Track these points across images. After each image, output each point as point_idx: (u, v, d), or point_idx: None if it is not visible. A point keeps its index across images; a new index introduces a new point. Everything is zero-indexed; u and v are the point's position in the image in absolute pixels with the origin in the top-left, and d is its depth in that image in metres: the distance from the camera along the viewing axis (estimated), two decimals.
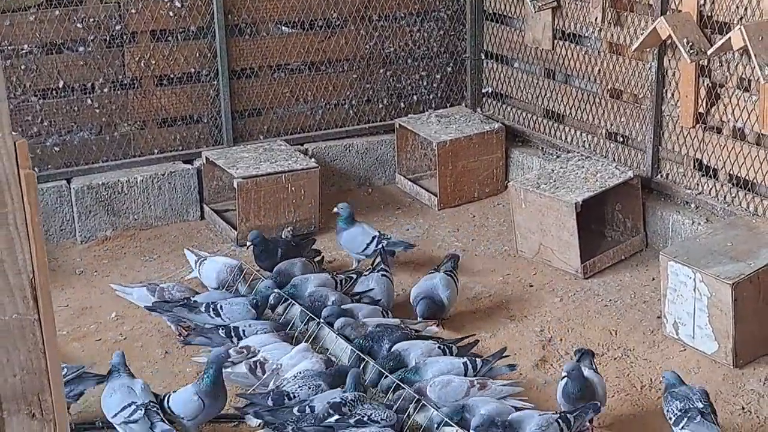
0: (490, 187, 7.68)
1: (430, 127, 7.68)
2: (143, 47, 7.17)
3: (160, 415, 4.79)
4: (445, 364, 5.21)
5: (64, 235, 7.11)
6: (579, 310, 6.18)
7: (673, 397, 4.90)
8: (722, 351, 5.58)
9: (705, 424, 4.77)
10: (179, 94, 7.36)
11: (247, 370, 5.17)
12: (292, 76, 7.65)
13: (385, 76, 7.95)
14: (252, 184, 6.93)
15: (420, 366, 5.18)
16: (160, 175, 7.27)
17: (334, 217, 6.72)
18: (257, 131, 7.64)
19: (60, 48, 6.99)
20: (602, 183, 6.67)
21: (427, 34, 8.01)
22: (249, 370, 5.17)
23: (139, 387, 4.89)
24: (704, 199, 6.58)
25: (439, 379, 5.06)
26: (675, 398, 4.89)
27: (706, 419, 4.78)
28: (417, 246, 6.82)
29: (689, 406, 4.83)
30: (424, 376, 5.11)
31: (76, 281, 6.62)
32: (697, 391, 4.92)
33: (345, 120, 7.90)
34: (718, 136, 6.45)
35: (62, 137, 7.12)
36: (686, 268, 5.64)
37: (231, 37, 7.35)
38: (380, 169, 7.96)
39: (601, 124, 7.24)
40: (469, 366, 5.19)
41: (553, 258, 6.64)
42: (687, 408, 4.83)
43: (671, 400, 4.90)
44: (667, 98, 6.71)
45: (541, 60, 7.62)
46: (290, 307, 5.77)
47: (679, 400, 4.88)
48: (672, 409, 4.88)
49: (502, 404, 4.91)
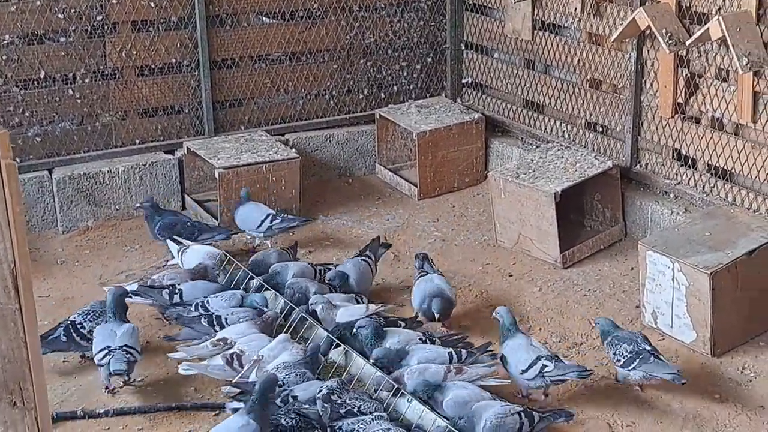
0: (470, 177, 7.72)
1: (410, 117, 7.70)
2: (124, 38, 7.17)
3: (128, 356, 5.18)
4: (431, 352, 5.24)
5: (46, 225, 7.11)
6: (558, 300, 6.22)
7: (619, 340, 5.16)
8: (700, 340, 5.63)
9: (660, 364, 5.06)
10: (160, 85, 7.37)
11: (223, 363, 5.18)
12: (273, 66, 7.66)
13: (365, 67, 7.97)
14: (233, 174, 6.95)
15: (407, 351, 5.21)
16: (141, 165, 7.28)
17: (316, 207, 6.75)
18: (238, 121, 7.65)
19: (41, 38, 6.99)
20: (581, 173, 6.71)
21: (408, 25, 8.03)
22: (226, 362, 5.18)
23: (122, 331, 5.29)
24: (683, 188, 6.63)
25: (416, 366, 5.09)
26: (621, 341, 5.15)
27: (660, 359, 5.08)
28: (313, 221, 7.05)
29: (638, 348, 5.12)
30: (410, 362, 5.13)
31: (58, 271, 6.62)
32: (638, 334, 5.26)
33: (325, 110, 7.92)
34: (696, 126, 6.50)
35: (44, 128, 7.12)
36: (665, 257, 5.69)
37: (212, 28, 7.36)
38: (360, 160, 7.99)
39: (580, 114, 7.28)
40: (455, 356, 5.22)
41: (533, 248, 6.68)
42: (637, 350, 5.11)
43: (618, 343, 5.16)
44: (646, 88, 6.76)
45: (521, 50, 7.65)
46: (276, 299, 5.78)
47: (626, 342, 5.14)
48: (621, 352, 5.12)
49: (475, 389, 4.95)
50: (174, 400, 5.27)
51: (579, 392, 5.30)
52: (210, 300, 5.68)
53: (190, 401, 5.25)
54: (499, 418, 4.73)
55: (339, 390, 4.77)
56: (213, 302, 5.66)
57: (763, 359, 5.57)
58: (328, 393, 4.75)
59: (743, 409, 5.19)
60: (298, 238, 6.90)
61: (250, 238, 6.79)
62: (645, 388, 5.31)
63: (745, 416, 5.14)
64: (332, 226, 7.21)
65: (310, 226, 7.05)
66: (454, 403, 4.81)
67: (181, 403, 5.24)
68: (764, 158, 6.10)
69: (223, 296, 5.71)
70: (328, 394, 4.75)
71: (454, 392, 4.86)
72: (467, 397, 4.85)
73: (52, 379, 5.37)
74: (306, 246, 6.81)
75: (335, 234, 7.09)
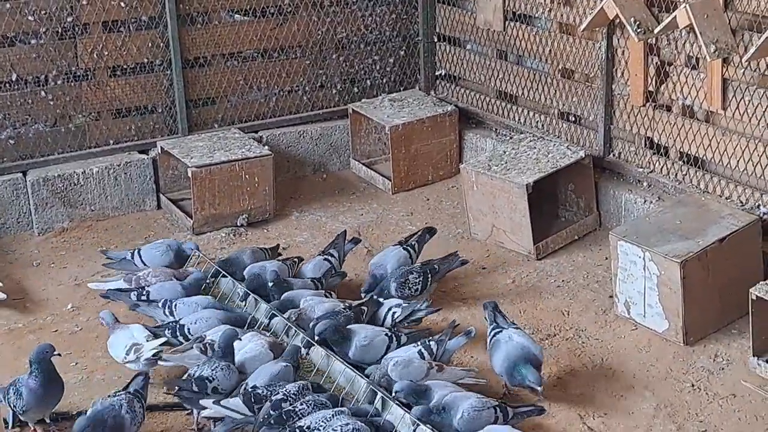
0: (444, 170, 7.72)
1: (383, 111, 7.70)
2: (96, 38, 7.15)
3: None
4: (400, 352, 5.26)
5: (21, 227, 7.10)
6: (531, 292, 6.23)
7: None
8: (672, 329, 5.64)
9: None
10: (133, 85, 7.35)
11: (198, 352, 5.23)
12: (245, 63, 7.65)
13: (338, 62, 7.96)
14: (206, 172, 6.94)
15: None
16: (115, 165, 7.27)
17: (289, 203, 6.74)
18: (212, 120, 7.64)
19: (12, 41, 6.97)
20: (554, 163, 6.71)
21: (380, 19, 8.02)
22: (200, 351, 5.22)
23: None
24: (656, 177, 6.64)
25: (401, 359, 5.10)
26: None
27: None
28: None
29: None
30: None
31: (33, 273, 6.62)
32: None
33: (299, 106, 7.91)
34: (668, 114, 6.51)
35: (17, 130, 7.11)
36: (635, 247, 5.70)
37: (183, 27, 7.35)
38: (335, 155, 7.98)
39: (553, 104, 7.28)
40: (425, 354, 5.22)
41: (506, 240, 6.69)
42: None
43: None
44: (617, 77, 6.76)
45: (493, 41, 7.65)
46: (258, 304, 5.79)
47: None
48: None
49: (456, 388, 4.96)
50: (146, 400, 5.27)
51: (551, 384, 5.30)
52: (178, 306, 5.67)
53: (163, 401, 5.25)
54: (475, 410, 4.75)
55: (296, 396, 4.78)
56: (180, 309, 5.66)
57: (735, 347, 5.59)
58: (280, 400, 4.77)
59: (715, 397, 5.21)
60: (273, 235, 6.91)
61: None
62: (617, 378, 5.34)
63: (717, 404, 5.16)
64: (306, 222, 7.21)
65: (285, 224, 7.07)
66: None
67: (153, 403, 5.23)
68: (735, 145, 6.11)
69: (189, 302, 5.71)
70: (280, 401, 4.76)
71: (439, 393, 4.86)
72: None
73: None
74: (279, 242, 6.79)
75: (309, 230, 7.08)
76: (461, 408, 4.74)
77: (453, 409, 4.76)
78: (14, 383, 4.98)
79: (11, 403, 4.96)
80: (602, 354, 5.60)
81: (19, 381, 4.96)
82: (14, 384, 4.97)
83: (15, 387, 4.95)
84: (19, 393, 4.91)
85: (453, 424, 4.73)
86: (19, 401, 4.91)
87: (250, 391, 4.87)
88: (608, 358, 5.55)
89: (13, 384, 4.98)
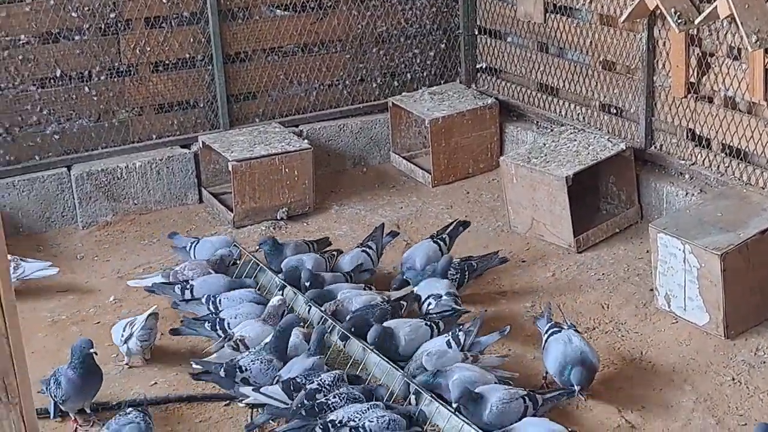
0: (485, 162, 7.69)
1: (423, 104, 7.69)
2: (138, 34, 7.22)
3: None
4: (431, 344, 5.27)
5: (66, 221, 7.19)
6: (571, 285, 6.20)
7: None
8: (713, 322, 5.59)
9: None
10: (175, 80, 7.42)
11: (230, 350, 5.30)
12: (286, 58, 7.68)
13: (378, 56, 7.96)
14: (246, 166, 6.98)
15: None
16: (158, 160, 7.34)
17: (329, 197, 6.77)
18: (252, 114, 7.68)
19: (56, 37, 7.06)
20: (594, 156, 6.67)
21: (420, 12, 8.01)
22: (232, 349, 5.29)
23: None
24: (698, 169, 6.57)
25: (435, 349, 5.11)
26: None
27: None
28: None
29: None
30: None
31: (77, 266, 6.70)
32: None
33: (339, 100, 7.93)
34: (710, 106, 6.44)
35: (61, 125, 7.20)
36: (675, 239, 5.65)
37: (224, 22, 7.40)
38: (375, 149, 7.99)
39: (594, 96, 7.24)
40: (453, 344, 5.21)
41: (546, 233, 6.66)
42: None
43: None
44: (658, 69, 6.70)
45: (534, 33, 7.61)
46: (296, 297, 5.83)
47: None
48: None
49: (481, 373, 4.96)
50: (185, 390, 5.33)
51: None
52: (222, 301, 5.71)
53: (201, 392, 5.31)
54: (504, 403, 4.74)
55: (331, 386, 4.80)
56: (224, 304, 5.70)
57: None
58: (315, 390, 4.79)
59: (756, 391, 5.16)
60: (312, 228, 6.94)
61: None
62: (656, 371, 5.30)
63: (758, 398, 5.11)
64: (346, 215, 7.22)
65: (325, 217, 7.11)
66: (461, 383, 4.81)
67: (191, 393, 5.30)
68: None
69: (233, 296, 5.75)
70: (314, 390, 4.79)
71: (459, 374, 4.87)
72: (473, 378, 4.85)
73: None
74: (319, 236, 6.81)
75: (349, 223, 7.10)
76: (489, 402, 4.74)
77: (483, 401, 4.75)
78: (55, 374, 5.07)
79: (52, 393, 5.04)
80: (641, 347, 5.56)
81: (59, 371, 5.05)
82: (55, 374, 5.06)
83: (55, 377, 5.03)
84: (58, 383, 5.00)
85: (482, 418, 4.72)
86: (59, 391, 4.99)
87: (289, 379, 4.90)
88: (648, 352, 5.52)
89: (53, 374, 5.07)
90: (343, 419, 4.56)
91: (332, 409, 4.67)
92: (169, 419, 5.14)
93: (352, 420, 4.55)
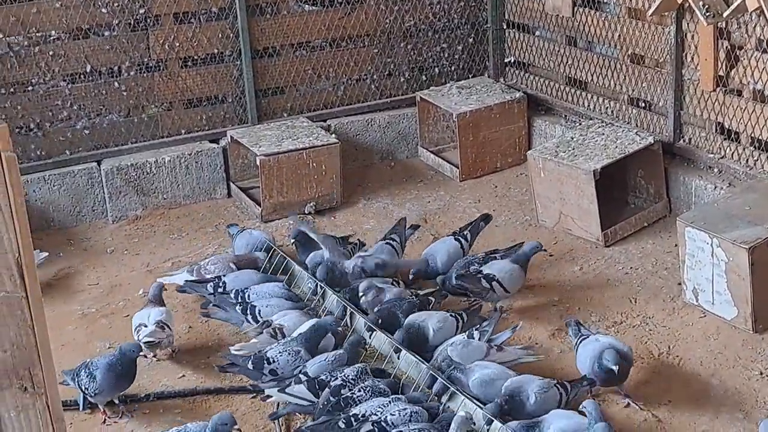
0: (513, 157, 7.68)
1: (451, 98, 7.69)
2: (167, 30, 7.27)
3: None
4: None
5: (96, 215, 7.26)
6: (599, 279, 6.18)
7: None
8: (741, 316, 5.56)
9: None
10: (204, 75, 7.46)
11: (268, 337, 5.35)
12: (314, 53, 7.71)
13: (406, 50, 7.97)
14: (274, 161, 7.01)
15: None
16: (187, 154, 7.39)
17: (357, 191, 6.78)
18: (281, 109, 7.71)
19: (86, 33, 7.12)
20: (622, 150, 6.65)
21: (448, 6, 8.01)
22: (270, 336, 5.34)
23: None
24: (727, 163, 6.54)
25: (460, 338, 5.13)
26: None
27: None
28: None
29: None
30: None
31: (107, 260, 6.76)
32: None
33: (367, 95, 7.94)
34: (738, 99, 6.40)
35: (91, 120, 7.26)
36: (703, 233, 5.62)
37: (252, 17, 7.43)
38: (403, 143, 8.00)
39: (623, 90, 7.21)
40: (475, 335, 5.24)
41: (574, 227, 6.65)
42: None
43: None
44: (687, 62, 6.67)
45: (562, 27, 7.59)
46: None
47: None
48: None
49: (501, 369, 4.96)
50: (212, 383, 5.37)
51: None
52: (250, 295, 5.74)
53: (229, 384, 5.35)
54: (543, 391, 4.76)
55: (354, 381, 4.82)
56: (253, 298, 5.73)
57: None
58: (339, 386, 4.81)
59: None
60: (340, 223, 6.96)
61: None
62: (684, 365, 5.28)
63: None
64: (373, 209, 7.24)
65: (353, 211, 7.12)
66: (481, 382, 4.82)
67: (219, 386, 5.33)
68: None
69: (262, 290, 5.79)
70: (339, 386, 4.80)
71: (479, 372, 4.88)
72: (493, 375, 4.86)
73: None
74: (346, 230, 6.83)
75: (376, 217, 7.11)
76: (530, 390, 4.75)
77: (522, 393, 4.75)
78: (87, 366, 5.09)
79: (82, 386, 5.07)
80: (669, 341, 5.54)
81: (93, 364, 5.07)
82: (87, 367, 5.08)
83: (88, 370, 5.06)
84: (92, 376, 5.02)
85: (526, 408, 4.73)
86: (92, 384, 5.02)
87: (314, 379, 4.92)
88: (675, 346, 5.50)
89: (85, 366, 5.09)
90: (365, 413, 4.58)
91: (358, 402, 4.69)
92: (197, 411, 5.17)
93: (374, 414, 4.57)
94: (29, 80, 7.02)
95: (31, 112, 7.07)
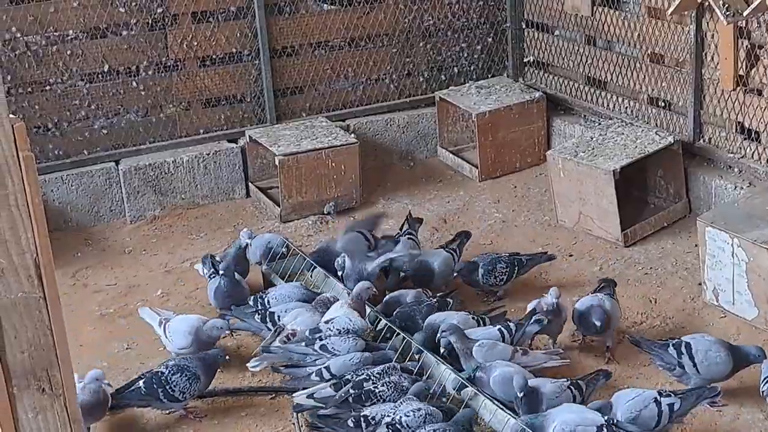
0: (532, 156, 7.66)
1: (470, 98, 7.67)
2: (185, 29, 7.28)
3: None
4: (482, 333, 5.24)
5: (114, 215, 7.26)
6: (618, 279, 6.10)
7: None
8: (762, 317, 5.53)
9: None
10: (222, 75, 7.46)
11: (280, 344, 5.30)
12: (333, 53, 7.70)
13: (425, 50, 7.95)
14: (293, 161, 7.01)
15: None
16: (205, 154, 7.39)
17: (376, 191, 6.76)
18: (299, 109, 7.71)
19: (104, 32, 7.13)
20: (641, 149, 6.61)
21: (467, 6, 7.99)
22: (284, 343, 5.29)
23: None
24: (747, 162, 6.50)
25: (486, 340, 5.10)
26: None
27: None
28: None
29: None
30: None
31: (125, 260, 6.76)
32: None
33: (386, 95, 7.94)
34: (759, 99, 6.36)
35: (109, 120, 7.27)
36: (723, 233, 5.59)
37: (271, 16, 7.43)
38: (422, 143, 7.98)
39: (642, 89, 7.17)
40: (505, 333, 5.21)
41: (594, 227, 6.61)
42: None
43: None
44: (707, 61, 6.63)
45: (582, 27, 7.56)
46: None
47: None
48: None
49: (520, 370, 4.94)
50: (231, 384, 5.36)
51: (635, 372, 5.25)
52: (270, 300, 5.69)
53: (248, 385, 5.34)
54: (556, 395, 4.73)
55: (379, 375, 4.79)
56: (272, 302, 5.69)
57: None
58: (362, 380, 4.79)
59: None
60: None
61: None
62: None
63: None
64: (393, 209, 7.22)
65: (370, 210, 7.11)
66: (502, 379, 4.79)
67: (238, 387, 5.33)
68: None
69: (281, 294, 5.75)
70: (362, 380, 4.78)
71: (500, 369, 4.86)
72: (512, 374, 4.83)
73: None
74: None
75: (395, 217, 7.08)
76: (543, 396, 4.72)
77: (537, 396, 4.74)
78: (182, 369, 5.05)
79: (180, 389, 5.04)
80: None
81: (186, 366, 5.09)
82: (182, 370, 5.06)
83: (184, 372, 5.05)
84: (196, 377, 5.05)
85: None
86: (192, 386, 5.05)
87: (340, 381, 4.88)
88: None
89: (180, 370, 5.06)
90: (376, 416, 4.54)
91: (380, 398, 4.66)
92: (216, 412, 5.17)
93: (387, 416, 4.53)
94: (47, 80, 7.04)
95: (49, 112, 7.09)
